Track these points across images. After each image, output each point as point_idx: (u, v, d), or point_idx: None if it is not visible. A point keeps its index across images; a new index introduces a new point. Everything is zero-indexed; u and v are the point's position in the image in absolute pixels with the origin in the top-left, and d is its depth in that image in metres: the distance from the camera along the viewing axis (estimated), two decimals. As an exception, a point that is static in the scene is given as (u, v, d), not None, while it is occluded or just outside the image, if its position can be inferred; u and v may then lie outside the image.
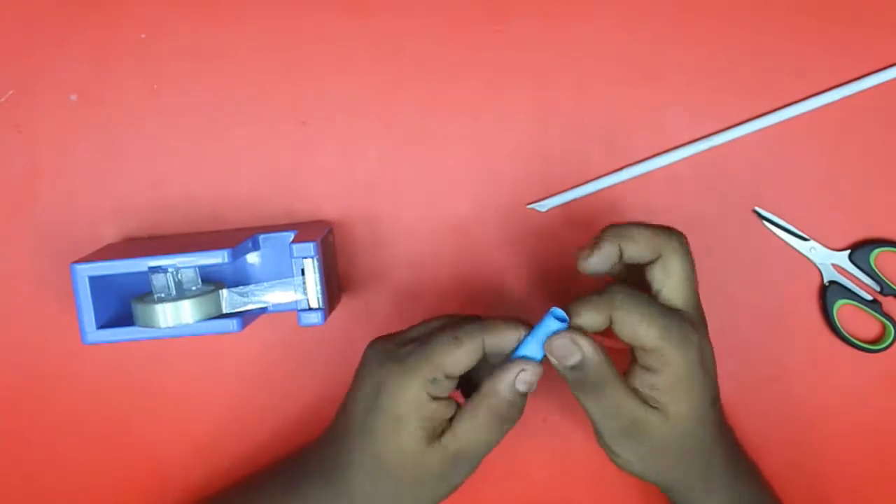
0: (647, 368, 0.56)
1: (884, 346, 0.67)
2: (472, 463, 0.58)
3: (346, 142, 0.68)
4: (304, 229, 0.64)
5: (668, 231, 0.57)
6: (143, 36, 0.68)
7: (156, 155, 0.68)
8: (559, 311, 0.55)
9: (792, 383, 0.69)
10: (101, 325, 0.61)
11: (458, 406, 0.57)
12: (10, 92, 0.68)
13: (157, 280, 0.60)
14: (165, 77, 0.68)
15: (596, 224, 0.68)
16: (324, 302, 0.61)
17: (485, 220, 0.69)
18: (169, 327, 0.59)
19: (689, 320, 0.57)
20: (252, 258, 0.66)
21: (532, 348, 0.55)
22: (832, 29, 0.66)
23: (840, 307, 0.67)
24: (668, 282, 0.57)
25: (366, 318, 0.69)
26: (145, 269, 0.59)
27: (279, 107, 0.68)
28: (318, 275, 0.61)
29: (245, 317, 0.61)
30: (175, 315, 0.59)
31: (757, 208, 0.67)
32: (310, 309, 0.61)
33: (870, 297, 0.67)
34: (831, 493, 0.66)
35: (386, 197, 0.68)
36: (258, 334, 0.69)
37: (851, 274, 0.67)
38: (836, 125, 0.67)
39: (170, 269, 0.60)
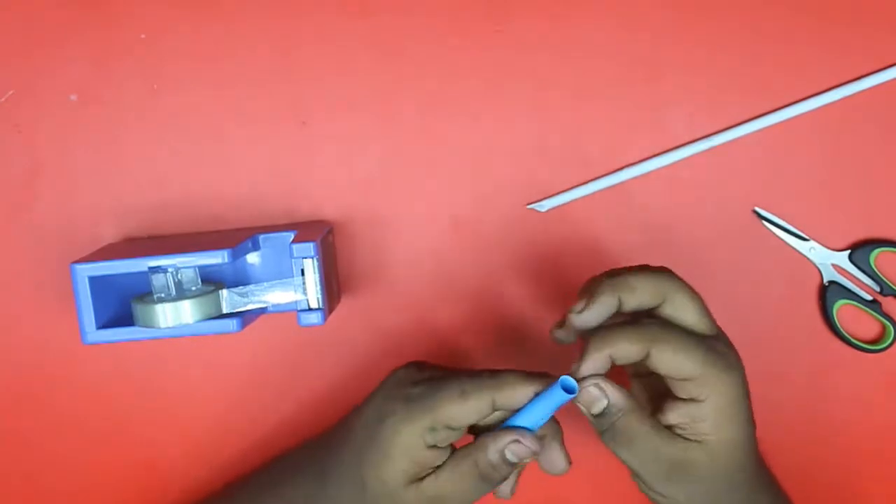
0: (690, 400, 0.54)
1: (883, 346, 0.67)
2: None
3: (346, 142, 0.68)
4: (304, 229, 0.64)
5: (664, 271, 0.56)
6: (143, 36, 0.68)
7: (156, 155, 0.68)
8: (569, 381, 0.53)
9: (792, 383, 0.69)
10: (101, 326, 0.61)
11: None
12: (10, 92, 0.68)
13: (157, 280, 0.60)
14: (165, 77, 0.68)
15: (596, 224, 0.68)
16: (324, 302, 0.61)
17: (485, 220, 0.69)
18: (169, 327, 0.59)
19: (725, 345, 0.56)
20: (252, 258, 0.66)
21: (533, 418, 0.55)
22: (832, 29, 0.66)
23: (840, 307, 0.67)
24: (686, 318, 0.55)
25: (365, 318, 0.69)
26: (145, 269, 0.59)
27: (279, 107, 0.68)
28: (317, 275, 0.61)
29: (245, 317, 0.61)
30: (175, 315, 0.59)
31: (757, 208, 0.67)
32: (309, 309, 0.61)
33: (869, 298, 0.67)
34: (831, 492, 0.66)
35: (386, 197, 0.68)
36: (258, 334, 0.69)
37: (851, 274, 0.67)
38: (836, 125, 0.67)
39: (170, 270, 0.60)
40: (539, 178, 0.68)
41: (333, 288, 0.66)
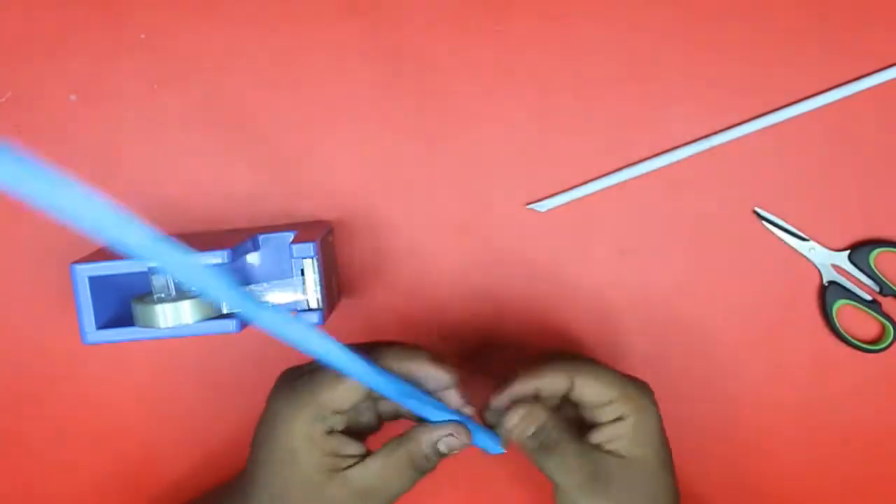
0: (611, 421, 0.57)
1: (883, 346, 0.67)
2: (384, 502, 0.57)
3: (345, 142, 0.68)
4: (304, 229, 0.64)
5: (564, 357, 0.60)
6: (142, 36, 0.68)
7: (156, 155, 0.68)
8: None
9: (792, 383, 0.69)
10: (101, 326, 0.60)
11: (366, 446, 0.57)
12: (10, 92, 0.68)
13: (157, 280, 0.60)
14: (165, 77, 0.68)
15: (596, 224, 0.68)
16: (323, 302, 0.61)
17: (485, 220, 0.69)
18: (168, 328, 0.59)
19: (629, 377, 0.59)
20: (252, 258, 0.66)
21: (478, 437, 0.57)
22: (832, 29, 0.66)
23: (839, 307, 0.67)
24: (596, 394, 0.58)
25: (365, 317, 0.69)
26: (145, 269, 0.59)
27: (279, 107, 0.68)
28: (317, 275, 0.60)
29: (242, 318, 0.61)
30: (175, 315, 0.59)
31: (757, 208, 0.67)
32: (309, 309, 0.61)
33: (869, 298, 0.67)
34: (831, 492, 0.66)
35: (385, 197, 0.68)
36: (257, 334, 0.68)
37: (851, 274, 0.67)
38: (836, 125, 0.67)
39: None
40: (539, 178, 0.68)
41: (333, 288, 0.66)
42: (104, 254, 0.63)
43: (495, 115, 0.68)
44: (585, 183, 0.68)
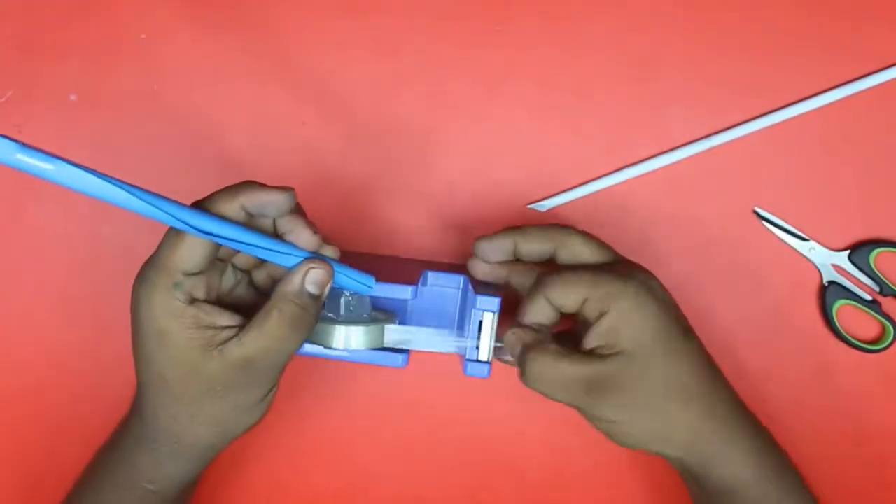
0: (595, 318, 0.55)
1: (883, 346, 0.67)
2: (268, 374, 0.54)
3: (345, 142, 0.68)
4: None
5: (558, 226, 0.60)
6: (143, 36, 0.68)
7: (156, 155, 0.69)
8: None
9: (792, 383, 0.69)
10: None
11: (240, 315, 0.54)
12: (10, 92, 0.68)
13: (331, 302, 0.59)
14: (165, 77, 0.68)
15: (596, 224, 0.68)
16: (491, 356, 0.60)
17: (485, 220, 0.69)
18: (338, 349, 0.58)
19: (625, 264, 0.58)
20: (418, 292, 0.63)
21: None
22: (832, 29, 0.66)
23: (840, 307, 0.67)
24: (582, 257, 0.59)
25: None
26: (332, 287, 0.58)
27: (279, 107, 0.68)
28: (494, 330, 0.59)
29: (406, 354, 0.60)
30: (346, 339, 0.58)
31: (757, 209, 0.67)
32: (477, 361, 0.60)
33: (869, 298, 0.67)
34: (831, 493, 0.66)
35: (385, 197, 0.69)
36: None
37: (851, 274, 0.67)
38: (836, 125, 0.67)
39: (346, 294, 0.59)
40: (539, 178, 0.68)
41: None
42: None
43: (495, 115, 0.68)
44: (585, 183, 0.68)
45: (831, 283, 0.67)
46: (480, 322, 0.59)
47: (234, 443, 0.70)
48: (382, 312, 0.62)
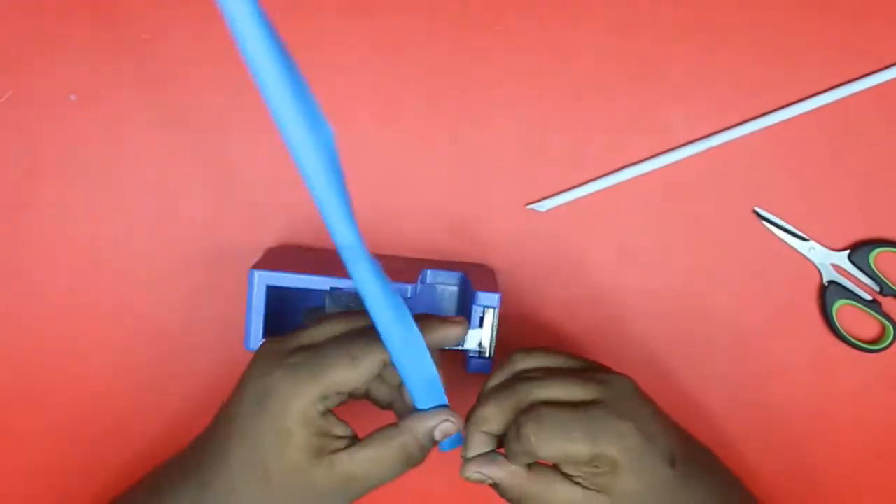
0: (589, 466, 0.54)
1: (883, 346, 0.67)
2: (363, 492, 0.54)
3: (345, 142, 0.68)
4: (473, 273, 0.64)
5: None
6: (143, 36, 0.68)
7: (156, 155, 0.68)
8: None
9: (792, 383, 0.69)
10: (270, 333, 0.60)
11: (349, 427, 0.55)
12: (10, 92, 0.68)
13: (332, 300, 0.60)
14: (165, 77, 0.68)
15: (596, 224, 0.68)
16: (493, 351, 0.61)
17: (485, 220, 0.69)
18: None
19: (610, 403, 0.54)
20: (414, 290, 0.64)
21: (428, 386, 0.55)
22: (832, 29, 0.66)
23: (839, 307, 0.67)
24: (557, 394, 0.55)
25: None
26: (326, 288, 0.59)
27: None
28: (495, 325, 0.60)
29: None
30: None
31: (756, 208, 0.67)
32: (479, 356, 0.60)
33: (869, 298, 0.67)
34: (831, 492, 0.66)
35: (385, 197, 0.69)
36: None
37: (851, 274, 0.67)
38: (836, 125, 0.67)
39: (346, 292, 0.59)
40: (539, 178, 0.68)
41: None
42: (274, 261, 0.62)
43: (495, 115, 0.68)
44: (585, 183, 0.68)
45: (831, 282, 0.67)
46: (481, 318, 0.60)
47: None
48: None
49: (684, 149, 0.67)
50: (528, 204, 0.68)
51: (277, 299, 0.61)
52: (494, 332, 0.60)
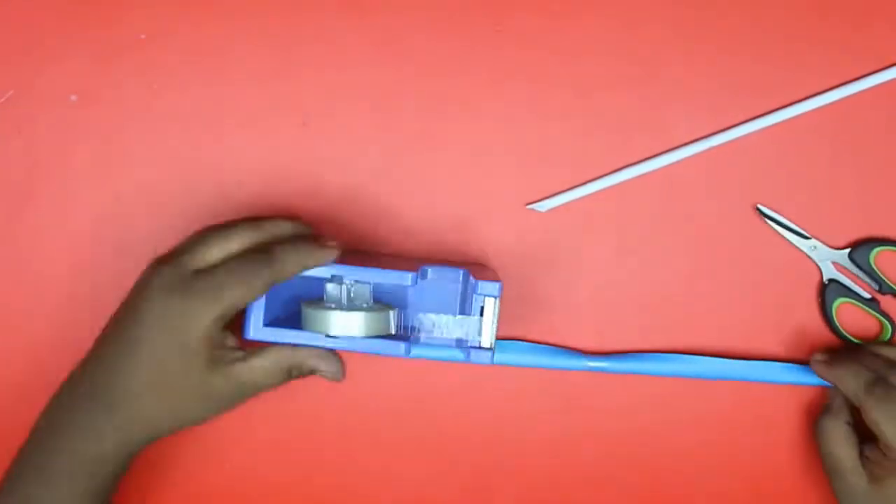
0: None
1: (881, 343, 0.67)
2: (254, 393, 0.61)
3: (345, 142, 0.68)
4: (475, 270, 0.63)
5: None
6: (142, 36, 0.68)
7: (156, 155, 0.68)
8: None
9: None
10: (268, 324, 0.60)
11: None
12: (10, 92, 0.68)
13: (332, 290, 0.60)
14: (165, 77, 0.68)
15: (596, 224, 0.68)
16: (494, 342, 0.61)
17: (485, 220, 0.69)
18: (337, 336, 0.59)
19: None
20: (418, 287, 0.64)
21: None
22: (833, 29, 0.66)
23: (839, 305, 0.67)
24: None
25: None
26: (328, 276, 0.59)
27: (279, 107, 0.68)
28: (496, 315, 0.60)
29: (409, 344, 0.60)
30: (345, 325, 0.58)
31: (759, 206, 0.68)
32: (480, 347, 0.60)
33: (868, 296, 0.68)
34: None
35: (385, 197, 0.69)
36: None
37: (851, 272, 0.67)
38: (836, 125, 0.67)
39: (346, 282, 0.59)
40: (539, 178, 0.68)
41: None
42: None
43: (495, 115, 0.68)
44: (585, 183, 0.68)
45: (831, 280, 0.67)
46: (482, 308, 0.60)
47: (235, 444, 0.71)
48: (384, 304, 0.62)
49: (684, 149, 0.67)
50: (528, 204, 0.68)
51: (277, 288, 0.60)
52: (496, 322, 0.60)
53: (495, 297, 0.60)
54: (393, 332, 0.60)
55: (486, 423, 0.71)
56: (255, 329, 0.60)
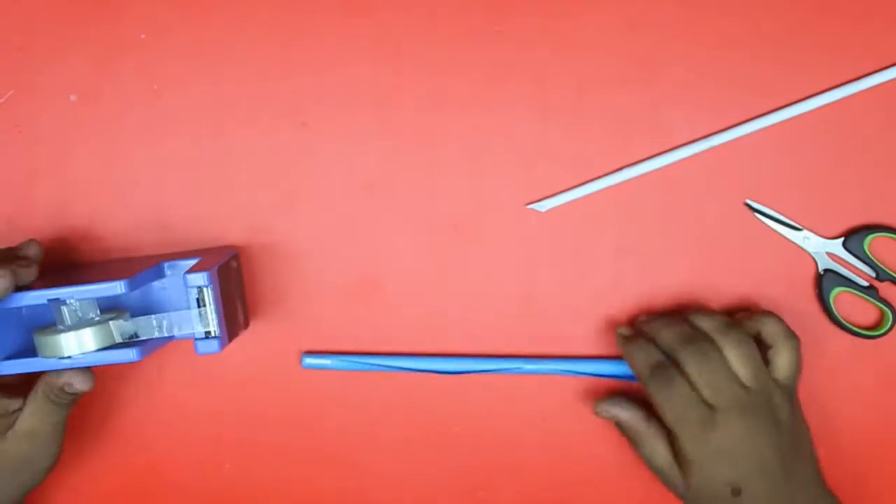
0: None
1: (882, 331, 0.68)
2: (51, 438, 0.63)
3: (345, 142, 0.68)
4: (208, 256, 0.64)
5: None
6: (142, 36, 0.67)
7: (156, 155, 0.68)
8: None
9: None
10: (6, 356, 0.61)
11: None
12: (10, 92, 0.67)
13: (59, 311, 0.60)
14: (165, 77, 0.67)
15: (596, 224, 0.69)
16: (220, 330, 0.61)
17: (485, 220, 0.69)
18: (71, 357, 0.59)
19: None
20: (161, 284, 0.65)
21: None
22: (832, 28, 0.67)
23: (837, 295, 0.68)
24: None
25: (369, 321, 0.70)
26: (44, 301, 0.59)
27: (279, 107, 0.68)
28: (213, 304, 0.60)
29: (144, 346, 0.60)
30: (78, 344, 0.59)
31: (748, 201, 0.68)
32: (207, 337, 0.61)
33: (866, 284, 0.68)
34: (832, 479, 0.67)
35: (386, 197, 0.69)
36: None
37: (846, 261, 0.68)
38: (835, 124, 0.68)
39: (69, 301, 0.60)
40: (539, 178, 0.69)
41: (238, 313, 0.66)
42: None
43: (495, 115, 0.68)
44: (585, 183, 0.68)
45: (827, 270, 0.68)
46: (198, 299, 0.60)
47: (235, 444, 0.70)
48: (115, 311, 0.63)
49: (684, 149, 0.68)
50: (528, 204, 0.69)
51: (10, 320, 0.62)
52: (216, 310, 0.60)
53: (207, 286, 0.60)
54: (117, 340, 0.61)
55: (486, 423, 0.71)
56: None
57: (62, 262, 0.68)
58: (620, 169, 0.68)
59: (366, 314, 0.70)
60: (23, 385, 0.63)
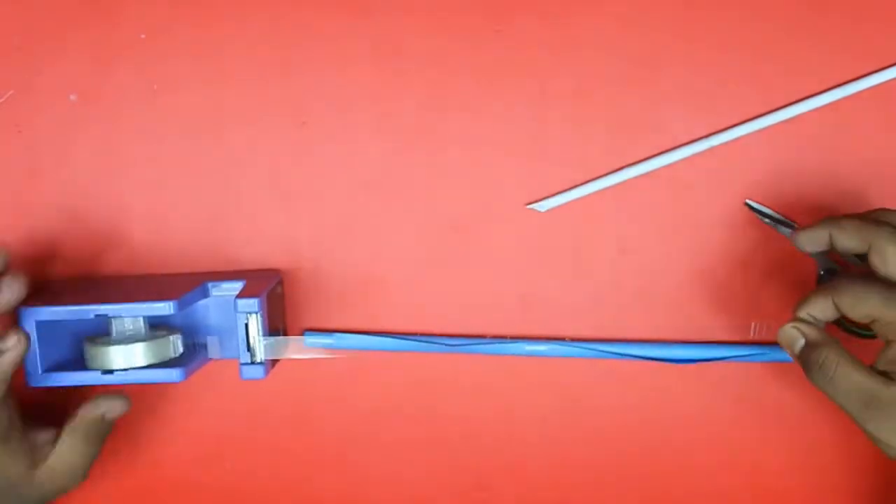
0: (886, 340, 0.58)
1: (882, 332, 0.67)
2: (87, 467, 0.63)
3: (345, 142, 0.68)
4: (253, 280, 0.65)
5: (875, 224, 0.59)
6: (142, 36, 0.67)
7: (156, 155, 0.68)
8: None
9: (792, 374, 0.70)
10: (50, 367, 0.61)
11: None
12: (10, 92, 0.67)
13: (110, 324, 0.61)
14: (165, 77, 0.68)
15: (596, 224, 0.69)
16: (266, 356, 0.62)
17: (485, 220, 0.69)
18: (119, 370, 0.60)
19: None
20: (203, 303, 0.66)
21: None
22: (832, 28, 0.67)
23: (837, 295, 0.67)
24: (887, 269, 0.58)
25: (369, 321, 0.70)
26: (91, 316, 0.59)
27: (279, 107, 0.68)
28: (261, 331, 0.61)
29: (189, 367, 0.61)
30: (127, 358, 0.60)
31: (748, 201, 0.68)
32: (252, 363, 0.61)
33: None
34: (833, 479, 0.67)
35: (385, 197, 0.69)
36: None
37: (846, 261, 0.66)
38: (835, 124, 0.67)
39: (119, 317, 0.61)
40: (539, 178, 0.69)
41: (280, 335, 0.66)
42: (53, 294, 0.63)
43: (495, 115, 0.68)
44: (585, 183, 0.68)
45: (827, 270, 0.67)
46: (246, 325, 0.61)
47: (235, 444, 0.71)
48: (166, 328, 0.64)
49: (684, 148, 0.67)
50: (528, 204, 0.69)
51: (54, 331, 0.62)
52: (262, 336, 0.61)
53: (256, 313, 0.60)
54: (174, 355, 0.62)
55: (487, 423, 0.71)
56: (34, 376, 0.61)
57: (62, 262, 0.69)
58: (620, 169, 0.68)
59: (365, 314, 0.70)
60: (46, 413, 0.63)
